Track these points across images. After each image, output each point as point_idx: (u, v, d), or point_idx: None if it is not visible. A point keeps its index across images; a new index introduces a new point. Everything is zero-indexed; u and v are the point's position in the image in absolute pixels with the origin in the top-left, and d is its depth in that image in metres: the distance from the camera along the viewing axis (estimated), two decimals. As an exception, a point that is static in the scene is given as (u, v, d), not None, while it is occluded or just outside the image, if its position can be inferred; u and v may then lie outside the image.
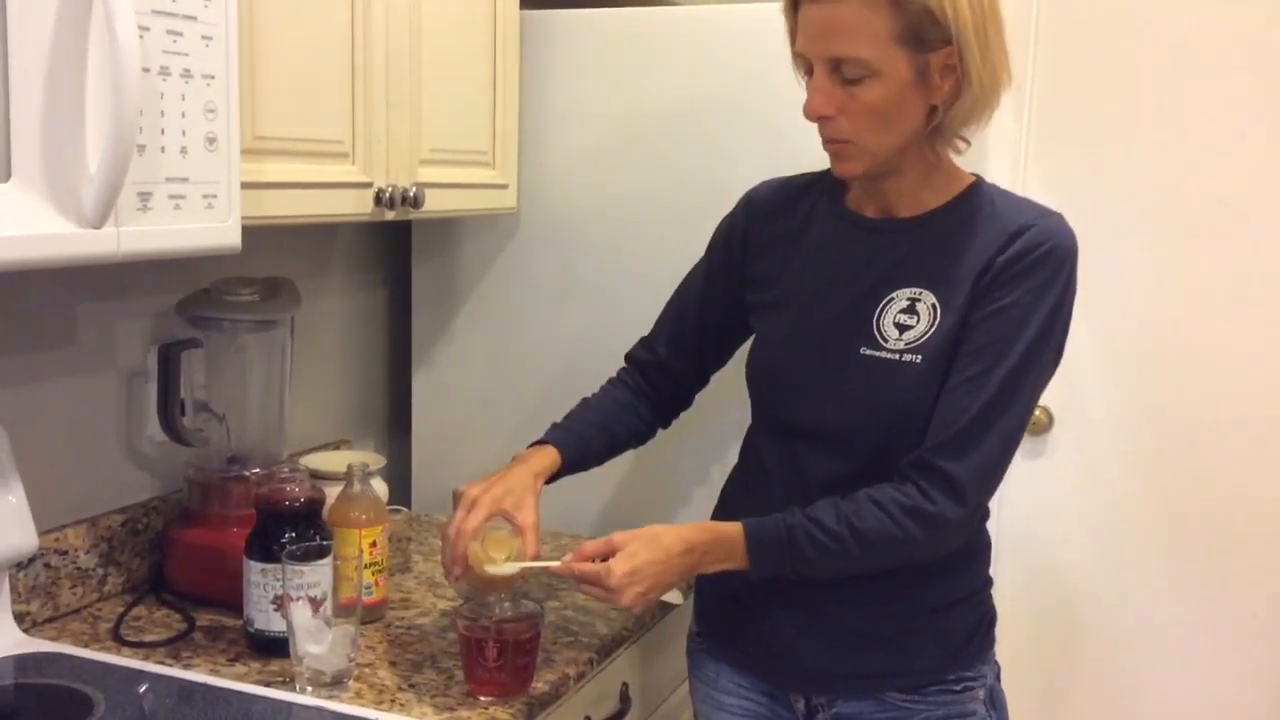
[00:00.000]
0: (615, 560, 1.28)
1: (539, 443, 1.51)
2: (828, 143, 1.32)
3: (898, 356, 1.30)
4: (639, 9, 1.89)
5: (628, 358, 1.61)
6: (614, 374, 1.62)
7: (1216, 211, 2.38)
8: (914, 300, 1.32)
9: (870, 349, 1.32)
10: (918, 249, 1.33)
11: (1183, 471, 2.46)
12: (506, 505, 1.38)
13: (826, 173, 1.41)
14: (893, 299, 1.33)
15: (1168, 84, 2.39)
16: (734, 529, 1.33)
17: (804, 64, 1.32)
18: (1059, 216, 1.32)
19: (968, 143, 1.35)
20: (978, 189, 1.36)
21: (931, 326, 1.30)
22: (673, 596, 1.42)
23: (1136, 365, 2.47)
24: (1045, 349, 1.29)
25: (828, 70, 1.27)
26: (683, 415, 1.63)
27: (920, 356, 1.30)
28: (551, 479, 1.48)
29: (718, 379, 1.61)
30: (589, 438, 1.53)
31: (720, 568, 1.34)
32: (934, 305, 1.30)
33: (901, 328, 1.31)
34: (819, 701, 1.41)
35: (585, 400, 1.58)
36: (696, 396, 1.62)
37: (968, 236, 1.31)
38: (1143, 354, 2.47)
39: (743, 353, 1.51)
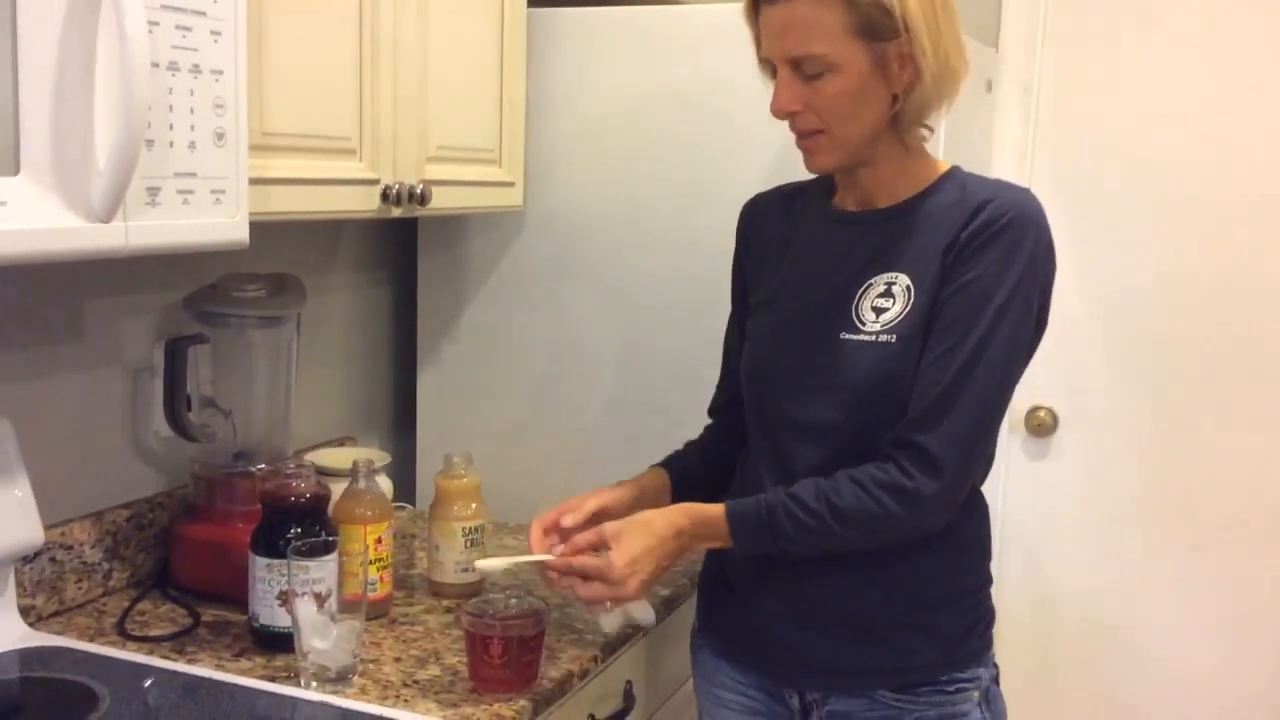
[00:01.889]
0: (614, 553, 1.31)
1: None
2: (800, 138, 1.35)
3: (874, 338, 1.32)
4: (646, 7, 1.89)
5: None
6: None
7: (1223, 213, 2.38)
8: (890, 284, 1.34)
9: (849, 333, 1.34)
10: (894, 236, 1.36)
11: (1186, 473, 2.46)
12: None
13: (816, 179, 1.45)
14: (871, 285, 1.35)
15: (1173, 86, 2.39)
16: (717, 510, 1.36)
17: (769, 67, 1.35)
18: (1025, 190, 1.34)
19: (931, 130, 1.37)
20: (951, 176, 1.38)
21: (906, 307, 1.32)
22: (642, 615, 1.41)
23: (1140, 367, 2.47)
24: (1011, 318, 1.29)
25: (790, 68, 1.30)
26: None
27: (895, 336, 1.31)
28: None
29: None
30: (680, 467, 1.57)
31: (709, 546, 1.40)
32: (908, 287, 1.32)
33: (879, 311, 1.33)
34: (813, 698, 1.41)
35: None
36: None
37: (939, 219, 1.33)
38: (1147, 356, 2.47)
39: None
